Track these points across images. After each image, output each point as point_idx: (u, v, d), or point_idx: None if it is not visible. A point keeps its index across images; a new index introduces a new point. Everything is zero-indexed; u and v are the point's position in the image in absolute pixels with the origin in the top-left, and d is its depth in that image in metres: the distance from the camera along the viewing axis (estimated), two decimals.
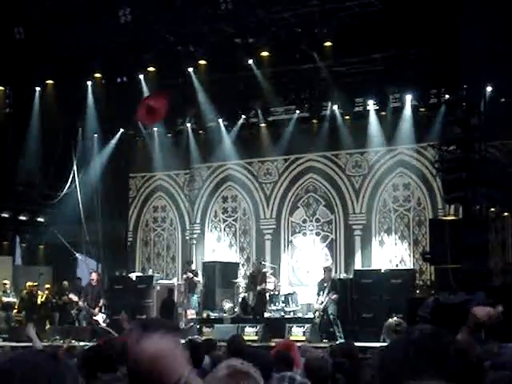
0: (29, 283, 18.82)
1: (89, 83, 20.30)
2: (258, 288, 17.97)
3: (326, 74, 18.79)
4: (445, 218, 17.52)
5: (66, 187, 21.13)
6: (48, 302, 19.46)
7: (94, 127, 21.17)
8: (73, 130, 21.11)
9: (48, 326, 18.58)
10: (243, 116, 21.18)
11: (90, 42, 18.46)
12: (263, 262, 19.67)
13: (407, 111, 19.27)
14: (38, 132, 20.20)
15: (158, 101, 15.56)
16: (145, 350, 2.19)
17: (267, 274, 18.71)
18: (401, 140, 19.88)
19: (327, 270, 17.74)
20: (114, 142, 22.30)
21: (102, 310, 17.85)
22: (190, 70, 19.37)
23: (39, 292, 19.48)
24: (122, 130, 22.16)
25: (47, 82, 20.03)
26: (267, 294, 18.17)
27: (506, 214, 16.12)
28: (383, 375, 1.43)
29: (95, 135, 21.80)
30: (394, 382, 1.41)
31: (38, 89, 20.38)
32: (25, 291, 18.95)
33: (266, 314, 17.78)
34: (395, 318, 14.96)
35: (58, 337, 17.15)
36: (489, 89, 16.30)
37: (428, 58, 18.09)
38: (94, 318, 17.34)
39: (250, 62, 18.79)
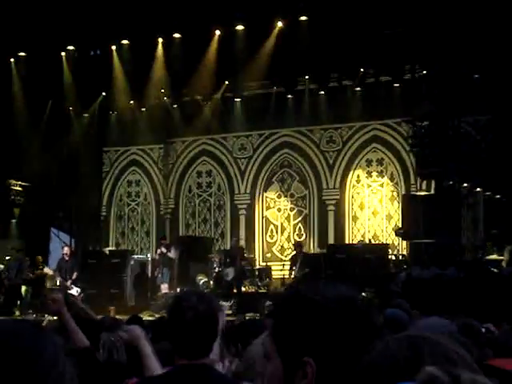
0: None
1: (62, 55, 20.04)
2: (242, 263, 17.71)
3: (300, 48, 18.68)
4: (418, 193, 17.66)
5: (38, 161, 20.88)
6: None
7: (68, 100, 20.93)
8: (46, 103, 20.83)
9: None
10: (218, 91, 21.07)
11: (61, 13, 18.17)
12: (236, 239, 19.66)
13: (381, 87, 19.29)
14: (11, 104, 19.93)
15: None
16: None
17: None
18: (375, 115, 19.93)
19: (299, 245, 17.82)
20: (86, 115, 22.10)
21: (76, 284, 17.74)
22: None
23: None
24: (95, 104, 21.94)
25: (20, 54, 19.72)
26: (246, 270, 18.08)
27: (478, 189, 16.28)
28: None
29: (70, 108, 21.58)
30: None
31: (11, 60, 20.05)
32: None
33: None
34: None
35: (30, 311, 17.08)
36: (462, 64, 16.33)
37: (402, 34, 18.05)
38: (68, 291, 17.23)
39: (225, 35, 18.65)
